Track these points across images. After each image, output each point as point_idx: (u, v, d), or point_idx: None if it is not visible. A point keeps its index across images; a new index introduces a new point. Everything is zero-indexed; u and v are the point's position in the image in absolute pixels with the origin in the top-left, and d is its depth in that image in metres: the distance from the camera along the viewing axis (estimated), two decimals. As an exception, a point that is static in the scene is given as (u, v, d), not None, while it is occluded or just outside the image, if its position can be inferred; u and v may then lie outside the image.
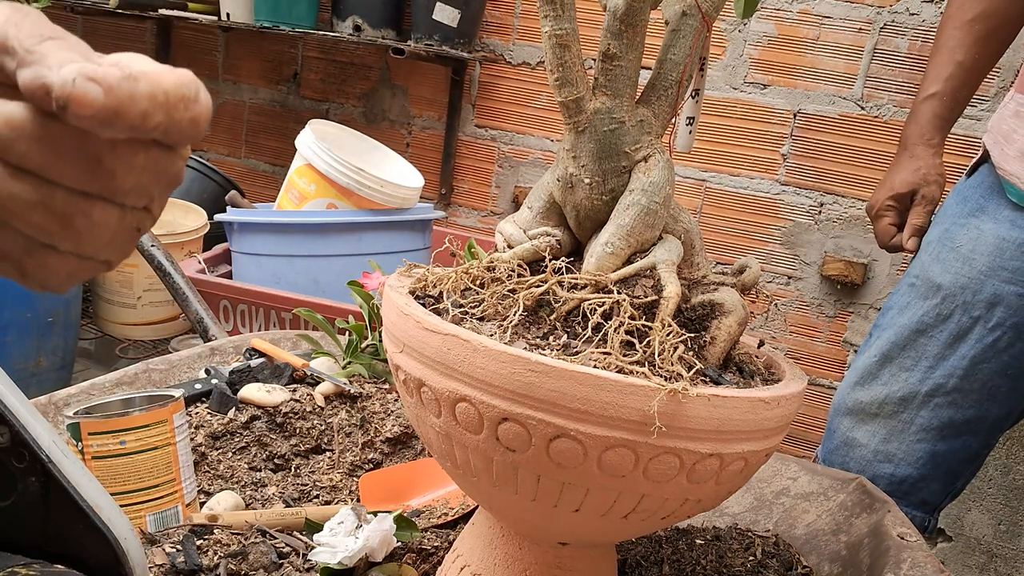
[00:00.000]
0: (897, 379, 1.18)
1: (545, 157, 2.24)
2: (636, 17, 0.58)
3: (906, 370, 1.17)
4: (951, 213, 1.17)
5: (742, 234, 2.07)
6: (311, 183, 1.71)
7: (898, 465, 1.19)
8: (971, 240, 1.12)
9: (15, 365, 1.65)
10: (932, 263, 1.17)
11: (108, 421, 0.75)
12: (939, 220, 1.20)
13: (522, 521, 0.61)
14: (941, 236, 1.17)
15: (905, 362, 1.17)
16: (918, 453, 1.18)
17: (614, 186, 0.62)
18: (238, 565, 0.72)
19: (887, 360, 1.19)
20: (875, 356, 1.21)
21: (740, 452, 0.53)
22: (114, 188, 0.35)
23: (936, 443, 1.17)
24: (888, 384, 1.19)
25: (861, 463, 1.22)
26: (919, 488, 1.20)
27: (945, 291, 1.13)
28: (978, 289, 1.11)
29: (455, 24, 2.04)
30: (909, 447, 1.18)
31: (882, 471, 1.20)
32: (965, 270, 1.12)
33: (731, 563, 0.78)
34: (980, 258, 1.11)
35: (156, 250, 1.47)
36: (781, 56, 1.96)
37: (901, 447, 1.18)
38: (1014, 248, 1.08)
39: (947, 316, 1.14)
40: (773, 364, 0.65)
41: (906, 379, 1.17)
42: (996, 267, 1.09)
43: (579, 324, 0.56)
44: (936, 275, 1.15)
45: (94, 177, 0.35)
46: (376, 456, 0.95)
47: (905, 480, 1.20)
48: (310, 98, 2.48)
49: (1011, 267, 1.08)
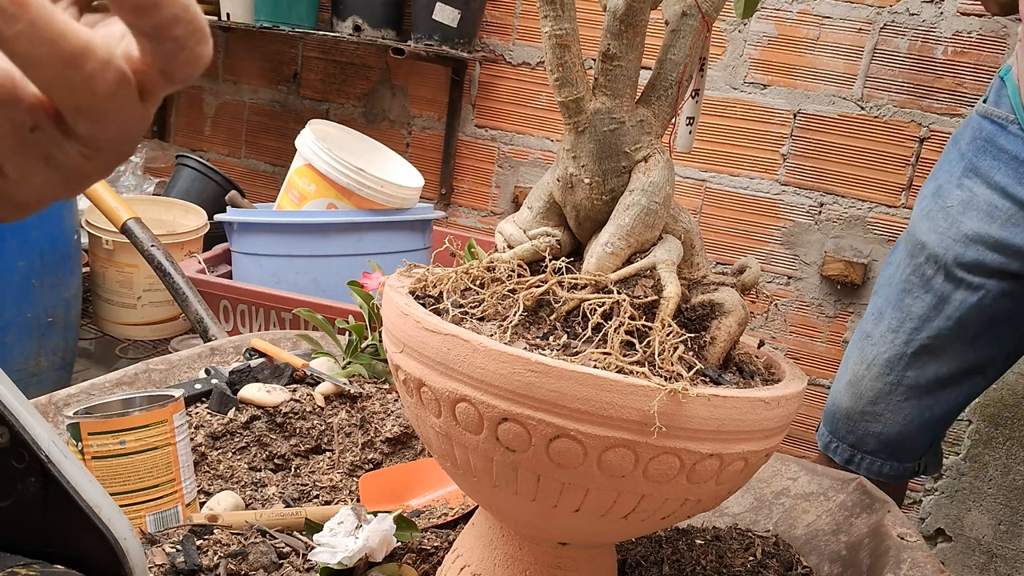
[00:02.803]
0: (885, 339, 1.21)
1: (545, 157, 2.24)
2: (636, 17, 0.58)
3: (892, 331, 1.20)
4: (946, 169, 1.18)
5: (742, 234, 2.07)
6: (311, 183, 1.71)
7: (886, 424, 1.22)
8: (962, 202, 1.13)
9: (15, 365, 1.65)
10: (921, 220, 1.18)
11: (108, 421, 0.75)
12: (934, 174, 1.21)
13: (522, 521, 0.61)
14: (935, 192, 1.18)
15: (892, 322, 1.20)
16: (905, 410, 1.21)
17: (614, 186, 0.62)
18: (238, 565, 0.72)
19: (880, 319, 1.23)
20: (872, 315, 1.24)
21: (740, 452, 0.53)
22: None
23: (922, 398, 1.20)
24: (878, 345, 1.22)
25: (849, 423, 1.25)
26: (907, 443, 1.24)
27: (929, 251, 1.15)
28: (962, 252, 1.12)
29: (455, 24, 2.04)
30: (896, 406, 1.21)
31: (870, 430, 1.23)
32: (952, 231, 1.13)
33: (731, 563, 0.78)
34: (968, 222, 1.11)
35: (156, 250, 1.47)
36: (781, 56, 1.96)
37: (888, 407, 1.21)
38: (1004, 218, 1.09)
39: (930, 277, 1.16)
40: (773, 364, 0.65)
41: (892, 340, 1.20)
42: (983, 233, 1.10)
43: (579, 324, 0.56)
44: (923, 233, 1.16)
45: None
46: (376, 456, 0.95)
47: (892, 439, 1.23)
48: (310, 98, 2.48)
49: (998, 236, 1.09)
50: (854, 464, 1.25)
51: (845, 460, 1.26)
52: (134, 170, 2.40)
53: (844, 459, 1.26)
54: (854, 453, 1.26)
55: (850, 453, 1.26)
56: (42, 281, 1.65)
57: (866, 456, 1.25)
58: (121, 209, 1.51)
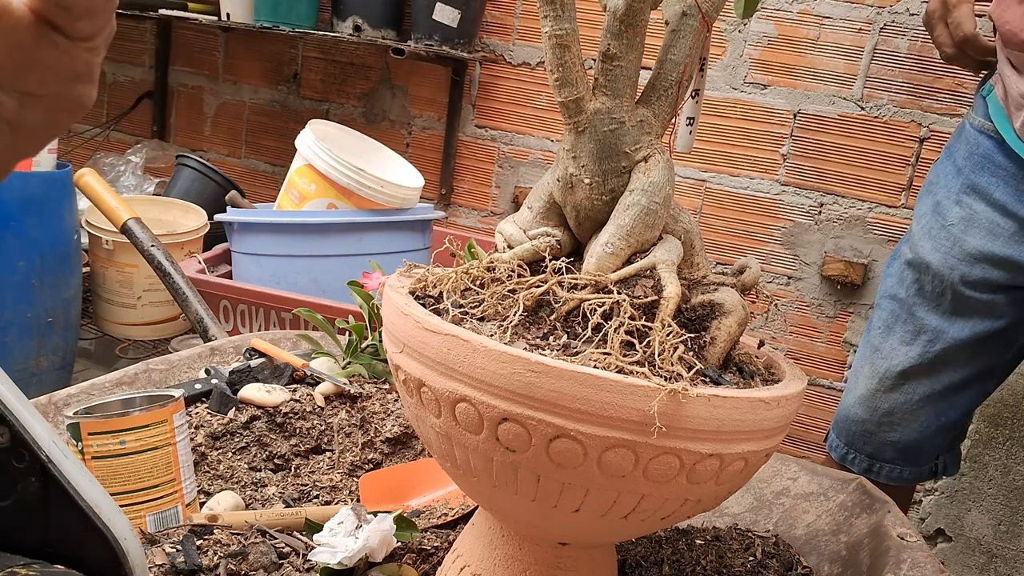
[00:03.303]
0: (897, 352, 1.20)
1: (545, 157, 2.24)
2: (636, 17, 0.58)
3: (906, 344, 1.20)
4: (943, 184, 1.17)
5: (742, 234, 2.07)
6: (311, 183, 1.71)
7: (903, 432, 1.22)
8: (963, 220, 1.13)
9: (15, 365, 1.65)
10: (923, 238, 1.18)
11: (108, 421, 0.75)
12: (931, 188, 1.20)
13: (522, 521, 0.61)
14: (933, 209, 1.17)
15: (905, 335, 1.20)
16: (920, 417, 1.21)
17: (614, 186, 0.62)
18: (238, 565, 0.72)
19: (889, 332, 1.22)
20: (879, 329, 1.24)
21: (740, 452, 0.53)
22: None
23: (937, 404, 1.20)
24: (889, 358, 1.21)
25: (865, 435, 1.25)
26: (924, 447, 1.24)
27: (934, 271, 1.15)
28: (967, 271, 1.12)
29: (455, 24, 2.04)
30: (912, 414, 1.21)
31: (888, 439, 1.23)
32: (955, 251, 1.13)
33: (731, 563, 0.78)
34: (971, 240, 1.12)
35: (156, 250, 1.47)
36: (781, 56, 1.96)
37: (904, 416, 1.21)
38: (1007, 236, 1.09)
39: (939, 295, 1.15)
40: (773, 364, 0.65)
41: (906, 352, 1.19)
42: (987, 252, 1.10)
43: (579, 324, 0.56)
44: (926, 253, 1.16)
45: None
46: (376, 456, 0.95)
47: (910, 445, 1.23)
48: (310, 98, 2.48)
49: (1002, 254, 1.09)
50: (873, 473, 1.26)
51: (864, 470, 1.26)
52: (134, 170, 2.40)
53: (863, 469, 1.27)
54: (872, 463, 1.26)
55: (868, 463, 1.26)
56: (42, 281, 1.65)
57: (885, 464, 1.26)
58: (121, 209, 1.51)
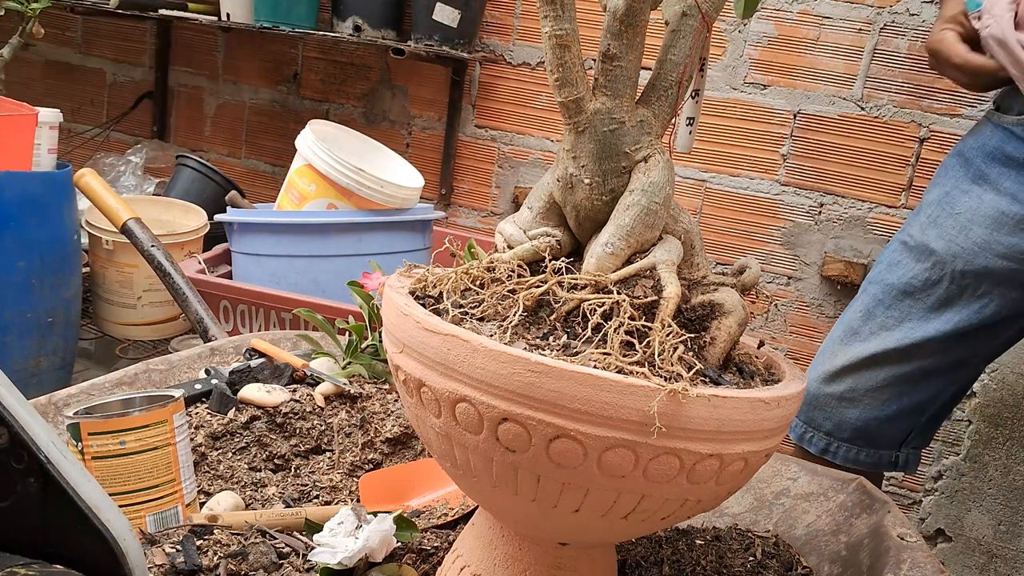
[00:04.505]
0: (875, 336, 1.20)
1: (545, 157, 2.24)
2: (636, 17, 0.58)
3: (887, 329, 1.19)
4: (952, 176, 1.17)
5: (742, 234, 2.07)
6: (311, 183, 1.71)
7: (864, 409, 1.21)
8: (970, 209, 1.13)
9: (15, 365, 1.65)
10: (929, 226, 1.18)
11: (108, 421, 0.75)
12: (940, 180, 1.20)
13: (522, 521, 0.61)
14: (941, 199, 1.17)
15: (888, 322, 1.19)
16: (884, 395, 1.20)
17: (614, 186, 0.62)
18: (238, 565, 0.72)
19: (869, 317, 1.21)
20: (859, 312, 1.23)
21: (740, 452, 0.53)
22: None
23: (902, 385, 1.20)
24: (867, 341, 1.21)
25: (825, 410, 1.24)
26: (885, 429, 1.22)
27: (937, 257, 1.15)
28: (970, 260, 1.12)
29: (455, 24, 2.04)
30: (876, 392, 1.20)
31: (847, 416, 1.22)
32: (960, 239, 1.13)
33: (731, 563, 0.78)
34: (977, 229, 1.12)
35: (156, 250, 1.47)
36: (781, 56, 1.96)
37: (868, 393, 1.21)
38: (1012, 224, 1.09)
39: (936, 282, 1.16)
40: (773, 364, 0.65)
41: (885, 338, 1.19)
42: (992, 240, 1.11)
43: (579, 324, 0.56)
44: (931, 240, 1.16)
45: None
46: (376, 456, 0.95)
47: (870, 424, 1.22)
48: (310, 98, 2.48)
49: (1007, 243, 1.10)
50: (830, 454, 1.24)
51: (821, 450, 1.24)
52: (134, 170, 2.40)
53: (820, 449, 1.25)
54: (830, 442, 1.24)
55: (826, 442, 1.24)
56: (42, 281, 1.65)
57: (842, 444, 1.24)
58: (121, 209, 1.51)
